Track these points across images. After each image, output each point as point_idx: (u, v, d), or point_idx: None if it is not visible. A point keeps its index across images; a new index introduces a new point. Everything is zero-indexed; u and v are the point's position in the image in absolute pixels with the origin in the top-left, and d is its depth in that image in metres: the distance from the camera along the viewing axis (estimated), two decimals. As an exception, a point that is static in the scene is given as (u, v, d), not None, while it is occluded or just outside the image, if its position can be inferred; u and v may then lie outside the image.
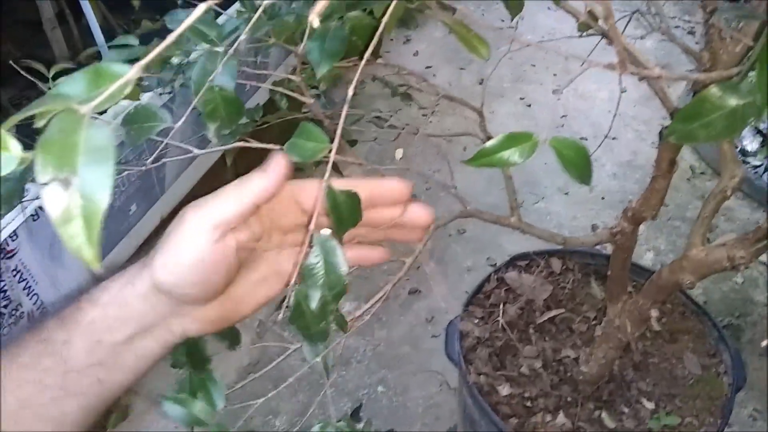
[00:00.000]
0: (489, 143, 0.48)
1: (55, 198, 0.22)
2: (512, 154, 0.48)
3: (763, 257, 2.10)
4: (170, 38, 0.28)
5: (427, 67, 3.00)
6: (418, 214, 0.51)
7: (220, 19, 0.64)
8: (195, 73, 0.51)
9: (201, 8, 0.26)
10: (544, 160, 2.43)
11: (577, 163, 0.48)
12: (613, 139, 2.53)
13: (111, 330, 0.47)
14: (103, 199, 0.22)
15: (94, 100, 0.24)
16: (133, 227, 1.55)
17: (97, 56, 1.57)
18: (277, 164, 0.46)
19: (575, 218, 2.23)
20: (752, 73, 0.45)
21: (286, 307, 0.48)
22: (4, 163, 0.23)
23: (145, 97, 1.35)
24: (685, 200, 2.27)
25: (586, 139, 2.52)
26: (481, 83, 2.78)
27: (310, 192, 0.49)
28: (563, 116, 2.67)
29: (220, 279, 0.47)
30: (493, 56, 0.62)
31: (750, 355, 1.82)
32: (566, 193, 2.31)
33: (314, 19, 0.29)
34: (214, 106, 0.49)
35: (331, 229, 0.48)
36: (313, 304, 0.47)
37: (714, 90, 0.48)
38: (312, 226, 0.47)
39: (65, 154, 0.22)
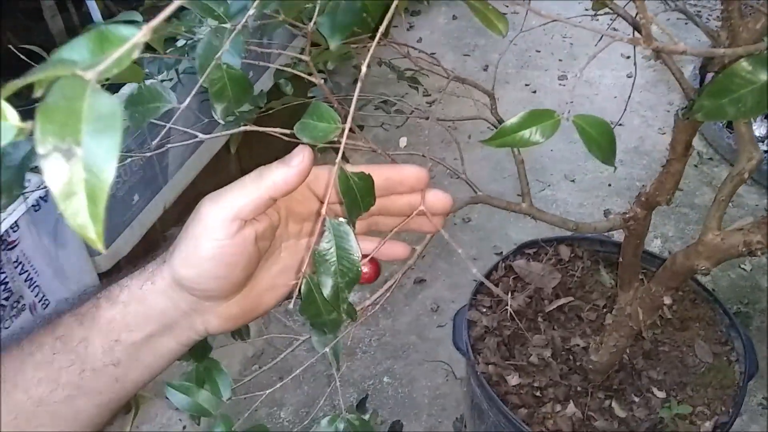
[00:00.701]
0: (509, 121, 0.45)
1: (56, 170, 0.20)
2: (534, 134, 0.46)
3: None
4: (145, 30, 0.26)
5: (431, 54, 2.98)
6: (438, 199, 0.50)
7: None
8: (200, 49, 0.49)
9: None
10: (550, 147, 2.41)
11: (601, 142, 0.46)
12: (620, 125, 2.50)
13: (130, 329, 0.46)
14: (109, 172, 0.20)
15: (99, 65, 0.22)
16: (136, 217, 1.53)
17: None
18: (302, 156, 0.44)
19: (582, 205, 2.21)
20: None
21: (297, 296, 0.46)
22: (2, 132, 0.21)
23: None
24: (693, 186, 2.25)
25: (592, 126, 2.50)
26: (485, 69, 2.76)
27: (324, 178, 0.48)
28: (569, 102, 2.63)
29: (241, 272, 0.46)
30: (498, 43, 0.60)
31: (759, 342, 1.80)
32: (572, 180, 2.28)
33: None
34: (221, 86, 0.47)
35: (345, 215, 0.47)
36: (326, 291, 0.46)
37: (744, 64, 0.46)
38: (323, 211, 0.45)
39: (68, 122, 0.20)
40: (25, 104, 0.23)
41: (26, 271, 1.29)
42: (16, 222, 1.23)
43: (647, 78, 2.63)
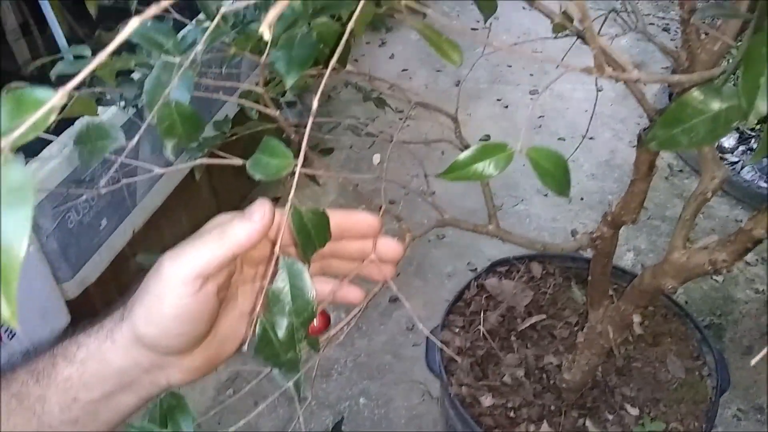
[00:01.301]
0: (462, 155, 0.45)
1: (-36, 247, 0.19)
2: (487, 167, 0.46)
3: (742, 255, 2.10)
4: (104, 53, 0.26)
5: (404, 70, 2.98)
6: (389, 248, 0.50)
7: (184, 30, 0.61)
8: (148, 85, 0.48)
9: (150, 12, 0.23)
10: (522, 162, 2.41)
11: (555, 173, 0.46)
12: (591, 138, 2.52)
13: (88, 387, 0.45)
14: (20, 249, 0.20)
15: (13, 132, 0.22)
16: (105, 242, 1.51)
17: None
18: (263, 212, 0.44)
19: (555, 220, 2.22)
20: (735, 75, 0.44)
21: (251, 338, 0.45)
22: None
23: (109, 112, 1.32)
24: (664, 199, 2.27)
25: (564, 140, 2.52)
26: (457, 85, 2.77)
27: (276, 221, 0.47)
28: (540, 117, 2.66)
29: (203, 326, 0.46)
30: (470, 58, 0.60)
31: (733, 353, 1.82)
32: (545, 195, 2.29)
33: (265, 31, 0.27)
34: (170, 123, 0.46)
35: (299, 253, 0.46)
36: (281, 332, 0.45)
37: (695, 94, 0.46)
38: (277, 249, 0.45)
39: (-24, 197, 0.19)
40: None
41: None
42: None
43: (618, 91, 2.65)
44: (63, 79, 0.57)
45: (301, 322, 0.46)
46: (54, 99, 0.22)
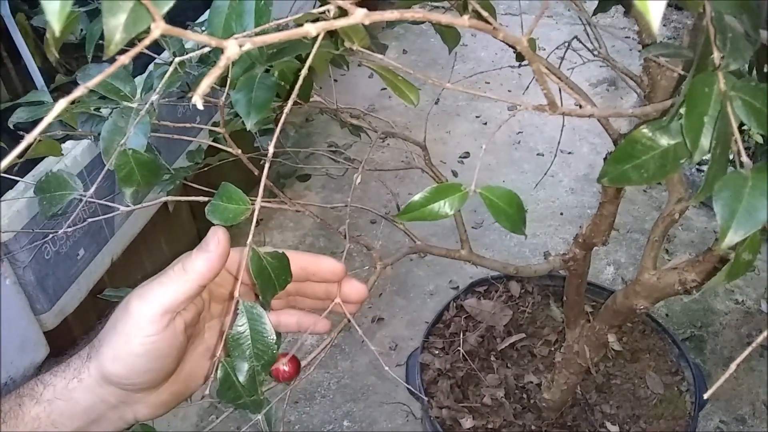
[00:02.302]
0: (417, 197, 0.46)
1: None
2: (442, 206, 0.47)
3: (721, 265, 2.11)
4: (47, 119, 0.26)
5: (383, 89, 2.99)
6: (354, 289, 0.52)
7: (144, 74, 0.62)
8: (105, 131, 0.49)
9: (109, 70, 0.23)
10: (502, 178, 2.43)
11: (509, 212, 0.47)
12: (569, 153, 2.54)
13: (56, 425, 0.46)
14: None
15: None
16: (82, 272, 1.51)
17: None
18: (217, 242, 0.45)
19: (535, 235, 2.23)
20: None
21: (213, 380, 0.46)
22: None
23: (81, 146, 1.31)
24: (643, 212, 2.29)
25: (543, 155, 2.53)
26: (437, 103, 2.78)
27: (239, 261, 0.48)
28: (519, 132, 2.68)
29: (172, 362, 0.47)
30: (448, 76, 0.60)
31: (714, 365, 1.83)
32: (525, 210, 2.30)
33: (197, 101, 0.27)
34: (128, 171, 0.46)
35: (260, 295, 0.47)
36: (242, 376, 0.45)
37: (645, 131, 0.47)
38: (236, 293, 0.45)
39: None
40: None
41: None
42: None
43: (595, 103, 2.67)
44: (22, 124, 0.57)
45: (263, 365, 0.46)
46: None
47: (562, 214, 2.30)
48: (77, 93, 0.24)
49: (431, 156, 0.99)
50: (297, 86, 0.47)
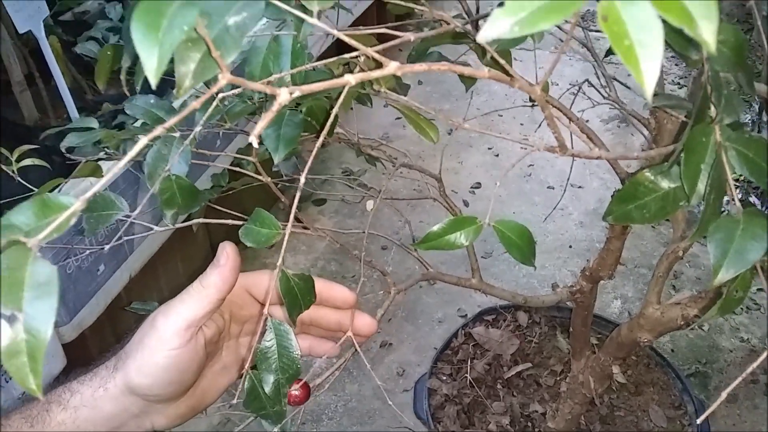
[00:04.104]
0: (435, 227, 0.50)
1: (2, 333, 0.24)
2: (458, 237, 0.50)
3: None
4: (133, 152, 0.30)
5: (397, 118, 3.05)
6: (365, 324, 0.56)
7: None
8: (149, 158, 0.53)
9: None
10: (512, 210, 2.47)
11: (520, 245, 0.50)
12: (579, 187, 2.58)
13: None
14: (46, 332, 0.24)
15: (41, 232, 0.26)
16: (102, 287, 1.55)
17: (66, 118, 1.59)
18: (227, 257, 0.49)
19: (544, 267, 2.26)
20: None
21: (240, 391, 0.49)
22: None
23: (115, 168, 1.36)
24: (650, 248, 2.31)
25: (553, 188, 2.57)
26: (450, 133, 2.83)
27: (261, 284, 0.52)
28: (530, 165, 2.72)
29: (192, 376, 0.51)
30: (462, 108, 0.64)
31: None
32: (535, 243, 2.33)
33: (254, 140, 0.31)
34: (170, 195, 0.50)
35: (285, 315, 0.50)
36: (267, 387, 0.49)
37: (647, 174, 0.51)
38: (266, 311, 0.49)
39: (11, 291, 0.24)
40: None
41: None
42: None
43: (606, 140, 2.71)
44: (71, 149, 0.61)
45: (287, 378, 0.50)
46: (76, 205, 0.27)
47: (570, 247, 2.33)
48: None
49: (433, 199, 1.04)
50: (328, 124, 0.51)
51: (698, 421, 0.47)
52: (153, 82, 0.23)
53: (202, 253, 2.06)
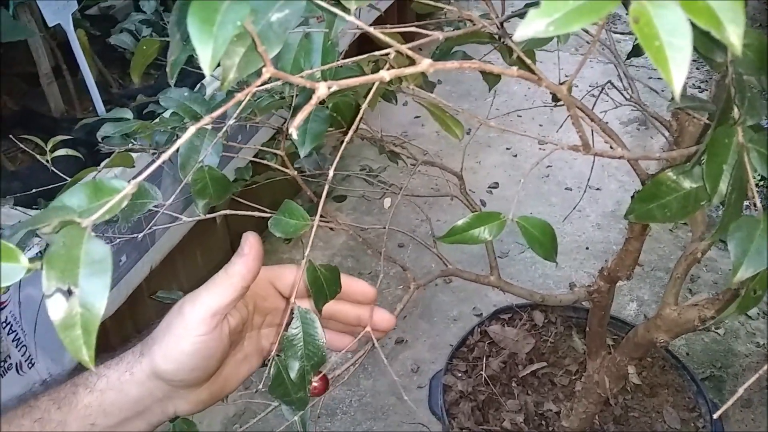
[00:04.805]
0: (460, 222, 0.51)
1: (57, 306, 0.25)
2: (482, 232, 0.52)
3: (744, 308, 2.13)
4: (181, 140, 0.31)
5: (416, 117, 3.06)
6: (383, 319, 0.58)
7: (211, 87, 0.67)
8: (183, 149, 0.54)
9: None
10: (530, 210, 2.47)
11: (543, 240, 0.52)
12: (597, 189, 2.58)
13: (106, 414, 0.51)
14: (100, 307, 0.25)
15: (94, 213, 0.27)
16: (123, 278, 1.57)
17: (92, 110, 1.61)
18: (250, 246, 0.50)
19: (560, 268, 2.26)
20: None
21: (266, 377, 0.51)
22: (13, 273, 0.26)
23: (140, 159, 1.38)
24: (668, 251, 2.31)
25: (571, 189, 2.57)
26: (468, 133, 2.84)
27: (285, 277, 0.54)
28: (548, 166, 2.72)
29: (215, 363, 0.52)
30: (481, 107, 0.66)
31: (732, 406, 1.84)
32: (556, 239, 2.34)
33: (293, 132, 0.33)
34: (203, 185, 0.52)
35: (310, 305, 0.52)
36: (293, 373, 0.50)
37: (670, 174, 0.51)
38: (293, 299, 0.50)
39: (68, 268, 0.25)
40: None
41: (14, 331, 1.33)
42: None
43: (626, 142, 2.70)
44: (106, 138, 0.63)
45: (312, 365, 0.51)
46: (128, 188, 0.28)
47: (587, 248, 2.33)
48: (204, 121, 0.30)
49: (453, 196, 1.05)
50: (357, 120, 0.52)
51: (715, 416, 0.48)
52: (207, 73, 0.24)
53: (222, 246, 2.09)
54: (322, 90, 0.33)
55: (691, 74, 3.26)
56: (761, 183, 2.21)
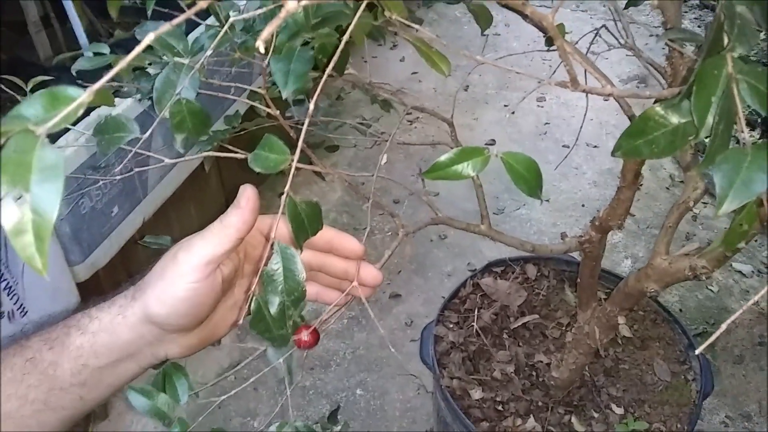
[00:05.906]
0: (443, 157, 0.50)
1: (9, 212, 0.24)
2: (465, 167, 0.50)
3: (738, 266, 2.14)
4: (126, 60, 0.30)
5: (413, 73, 3.03)
6: (370, 275, 0.58)
7: (195, 32, 0.66)
8: (158, 83, 0.53)
9: (165, 26, 0.28)
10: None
11: (528, 178, 0.51)
12: (595, 147, 2.56)
13: (98, 355, 0.51)
14: (51, 213, 0.24)
15: (48, 122, 0.26)
16: (115, 229, 1.57)
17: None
18: (247, 198, 0.50)
19: (555, 225, 2.26)
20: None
21: (246, 314, 0.50)
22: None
23: (125, 104, 1.37)
24: (664, 209, 2.31)
25: (568, 147, 2.56)
26: (466, 89, 2.81)
27: (277, 227, 0.53)
28: (546, 123, 2.70)
29: (207, 309, 0.52)
30: (478, 62, 0.64)
31: (723, 362, 1.86)
32: (547, 200, 2.33)
33: (260, 45, 0.32)
34: (180, 118, 0.51)
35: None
36: (273, 309, 0.50)
37: (657, 109, 0.50)
38: (272, 235, 0.50)
39: (19, 173, 0.24)
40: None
41: (5, 279, 1.32)
42: (-5, 233, 1.26)
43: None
44: (82, 73, 0.62)
45: (292, 300, 0.51)
46: (83, 96, 0.27)
47: (583, 205, 2.33)
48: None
49: (445, 144, 1.03)
50: (335, 56, 0.51)
51: (697, 351, 0.48)
52: None
53: (215, 200, 2.08)
54: (292, 5, 0.32)
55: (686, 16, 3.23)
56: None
